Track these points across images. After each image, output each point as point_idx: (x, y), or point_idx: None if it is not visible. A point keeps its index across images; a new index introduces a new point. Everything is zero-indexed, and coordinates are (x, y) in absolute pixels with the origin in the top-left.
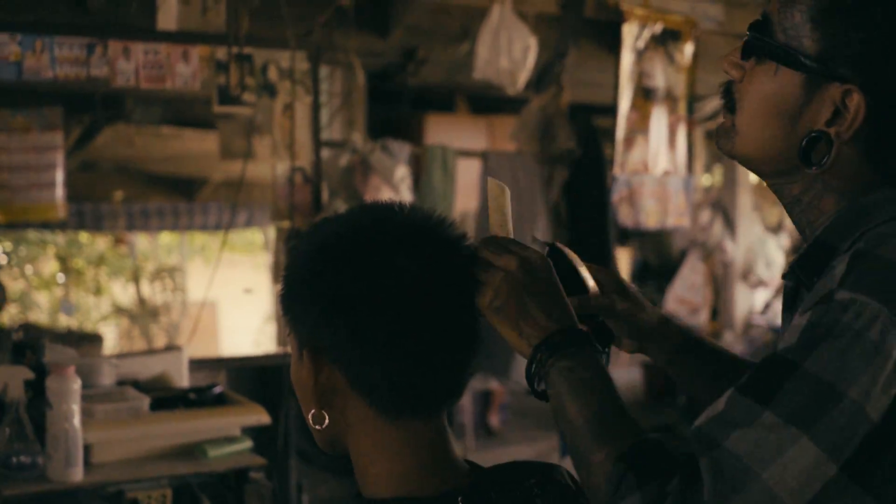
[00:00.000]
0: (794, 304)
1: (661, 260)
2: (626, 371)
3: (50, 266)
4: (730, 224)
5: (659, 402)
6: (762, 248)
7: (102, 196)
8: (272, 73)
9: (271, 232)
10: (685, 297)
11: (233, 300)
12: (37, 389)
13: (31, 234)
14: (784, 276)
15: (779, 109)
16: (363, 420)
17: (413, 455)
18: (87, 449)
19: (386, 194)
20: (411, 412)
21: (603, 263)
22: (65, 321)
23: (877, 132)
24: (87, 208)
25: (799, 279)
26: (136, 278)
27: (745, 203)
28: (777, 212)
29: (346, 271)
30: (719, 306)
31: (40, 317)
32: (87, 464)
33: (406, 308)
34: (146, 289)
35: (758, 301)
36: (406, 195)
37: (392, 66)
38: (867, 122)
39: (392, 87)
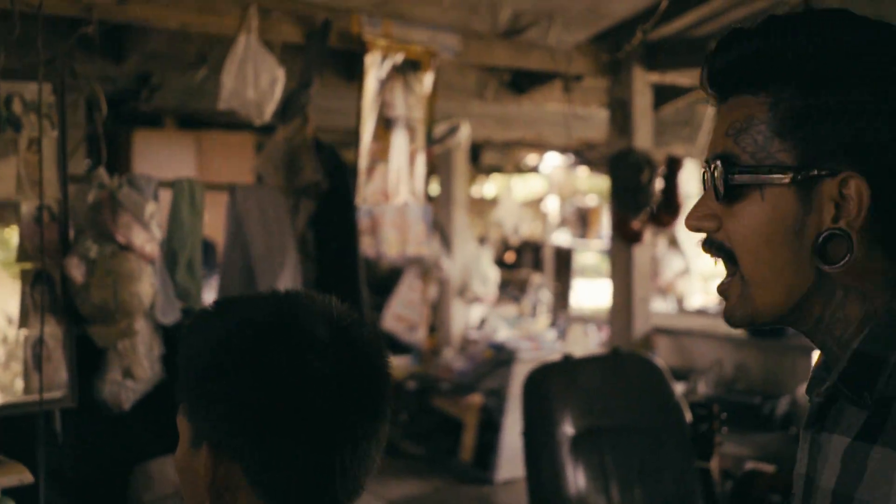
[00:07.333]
0: (823, 422)
1: (368, 275)
2: None
3: None
4: (446, 241)
5: None
6: (477, 264)
7: None
8: (16, 107)
9: None
10: (403, 314)
11: None
12: None
13: None
14: (810, 392)
15: (782, 229)
16: None
17: None
18: None
19: (137, 232)
20: None
21: (352, 295)
22: None
23: (878, 211)
24: None
25: (839, 394)
26: None
27: (460, 220)
28: (481, 224)
29: (258, 373)
30: (437, 323)
31: None
32: None
33: (319, 414)
34: None
35: (474, 316)
36: (156, 232)
37: (125, 92)
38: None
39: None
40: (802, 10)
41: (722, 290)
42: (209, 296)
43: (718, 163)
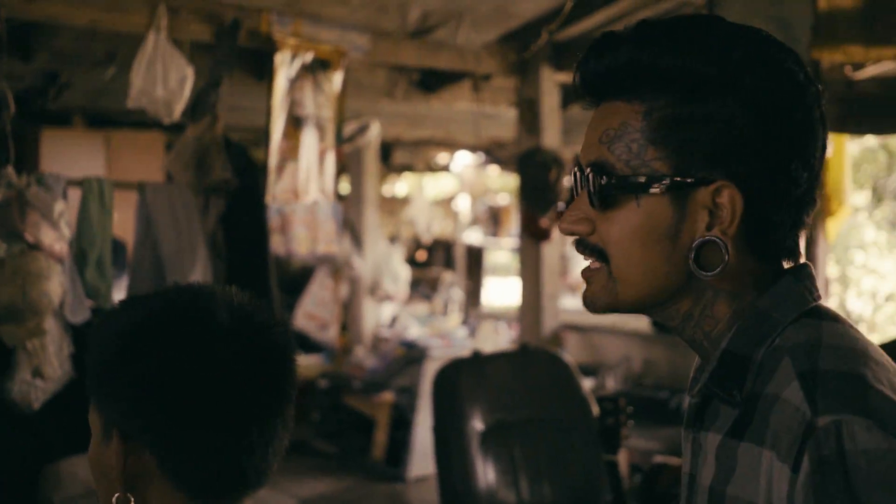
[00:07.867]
0: (702, 421)
1: (279, 274)
2: None
3: None
4: (357, 240)
5: None
6: (388, 262)
7: None
8: None
9: None
10: (314, 312)
11: None
12: None
13: None
14: (691, 393)
15: (656, 236)
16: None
17: None
18: None
19: (46, 231)
20: (221, 496)
21: (263, 293)
22: None
23: (750, 217)
24: None
25: (712, 394)
26: None
27: (371, 219)
28: (393, 222)
29: (165, 359)
30: (348, 321)
31: None
32: None
33: (224, 397)
34: None
35: (385, 315)
36: (65, 231)
37: (33, 90)
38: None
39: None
40: (674, 17)
41: (586, 274)
42: (119, 295)
43: (591, 170)
